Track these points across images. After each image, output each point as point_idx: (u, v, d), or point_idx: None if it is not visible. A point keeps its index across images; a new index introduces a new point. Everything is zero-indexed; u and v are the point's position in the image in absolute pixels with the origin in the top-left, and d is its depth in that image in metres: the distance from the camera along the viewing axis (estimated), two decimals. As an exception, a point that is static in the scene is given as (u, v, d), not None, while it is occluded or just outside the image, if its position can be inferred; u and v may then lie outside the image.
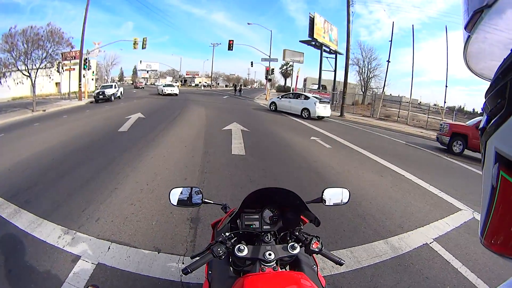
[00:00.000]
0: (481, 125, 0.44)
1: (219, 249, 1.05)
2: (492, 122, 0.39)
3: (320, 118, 15.07)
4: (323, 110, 14.96)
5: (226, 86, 41.27)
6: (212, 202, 1.48)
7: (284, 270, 1.17)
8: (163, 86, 29.94)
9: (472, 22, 0.47)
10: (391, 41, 28.34)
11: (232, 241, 1.12)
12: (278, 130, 10.05)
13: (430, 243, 3.22)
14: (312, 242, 1.13)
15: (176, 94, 27.86)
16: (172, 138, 7.75)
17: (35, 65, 14.26)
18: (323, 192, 1.42)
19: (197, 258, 1.09)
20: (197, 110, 14.52)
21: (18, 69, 14.18)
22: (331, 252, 1.19)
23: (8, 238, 2.83)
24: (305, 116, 14.93)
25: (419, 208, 4.19)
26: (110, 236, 2.93)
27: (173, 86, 30.25)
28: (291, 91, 23.73)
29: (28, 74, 14.05)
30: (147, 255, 2.65)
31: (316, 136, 9.10)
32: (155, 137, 7.77)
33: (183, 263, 2.56)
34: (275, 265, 1.08)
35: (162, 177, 4.69)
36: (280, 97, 17.94)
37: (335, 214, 3.61)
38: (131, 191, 4.09)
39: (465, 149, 9.27)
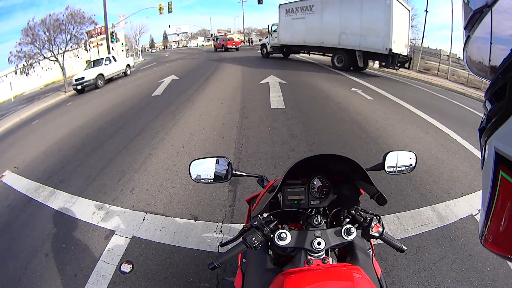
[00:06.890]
0: (480, 125, 0.43)
1: (254, 238, 0.85)
2: (492, 122, 0.38)
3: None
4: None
5: (260, 40, 42.20)
6: (245, 174, 1.23)
7: (333, 261, 0.94)
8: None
9: (472, 22, 0.48)
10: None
11: (271, 226, 0.89)
12: (316, 81, 9.06)
13: (475, 214, 2.81)
14: (373, 224, 0.89)
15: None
16: (207, 96, 7.37)
17: (61, 49, 14.45)
18: (385, 156, 1.16)
19: (228, 247, 0.90)
20: (231, 66, 13.56)
21: (45, 57, 14.50)
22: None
23: (44, 222, 2.77)
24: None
25: (465, 172, 3.57)
26: (145, 206, 2.75)
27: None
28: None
29: (56, 59, 14.32)
30: (183, 224, 2.41)
31: (356, 88, 8.10)
32: (190, 96, 7.42)
33: (221, 231, 2.28)
34: (324, 255, 0.88)
35: (199, 138, 4.41)
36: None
37: (380, 173, 2.98)
38: (166, 155, 3.89)
39: None
